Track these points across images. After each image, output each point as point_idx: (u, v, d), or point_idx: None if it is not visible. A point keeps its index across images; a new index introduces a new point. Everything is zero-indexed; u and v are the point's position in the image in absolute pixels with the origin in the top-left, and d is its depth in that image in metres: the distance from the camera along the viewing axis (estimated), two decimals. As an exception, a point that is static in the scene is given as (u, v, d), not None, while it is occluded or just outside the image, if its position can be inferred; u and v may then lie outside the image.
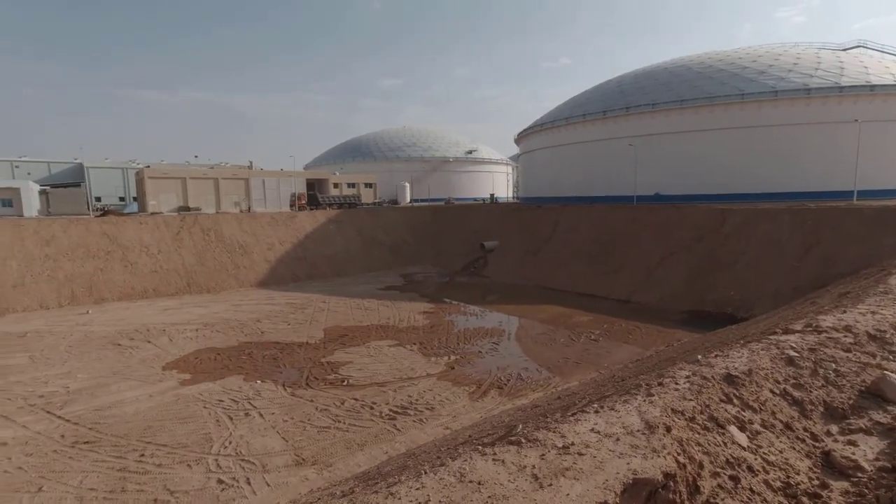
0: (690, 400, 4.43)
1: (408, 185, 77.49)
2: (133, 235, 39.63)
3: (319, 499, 8.19)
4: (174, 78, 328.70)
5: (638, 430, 3.88)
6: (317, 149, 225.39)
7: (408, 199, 75.78)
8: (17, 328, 26.95)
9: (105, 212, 52.72)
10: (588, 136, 54.86)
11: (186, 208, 52.30)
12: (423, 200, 78.00)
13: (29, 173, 66.44)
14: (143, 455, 12.80)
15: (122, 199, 68.72)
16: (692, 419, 4.12)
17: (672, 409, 4.22)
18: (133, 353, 22.08)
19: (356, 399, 16.23)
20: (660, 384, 4.84)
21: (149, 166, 64.64)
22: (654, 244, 34.95)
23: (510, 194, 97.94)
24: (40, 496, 11.11)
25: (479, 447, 4.03)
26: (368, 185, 70.85)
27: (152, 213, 48.44)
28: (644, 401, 4.44)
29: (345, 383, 17.84)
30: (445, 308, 30.88)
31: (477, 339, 23.42)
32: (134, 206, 59.85)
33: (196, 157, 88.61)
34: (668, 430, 3.85)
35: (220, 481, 11.40)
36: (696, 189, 45.16)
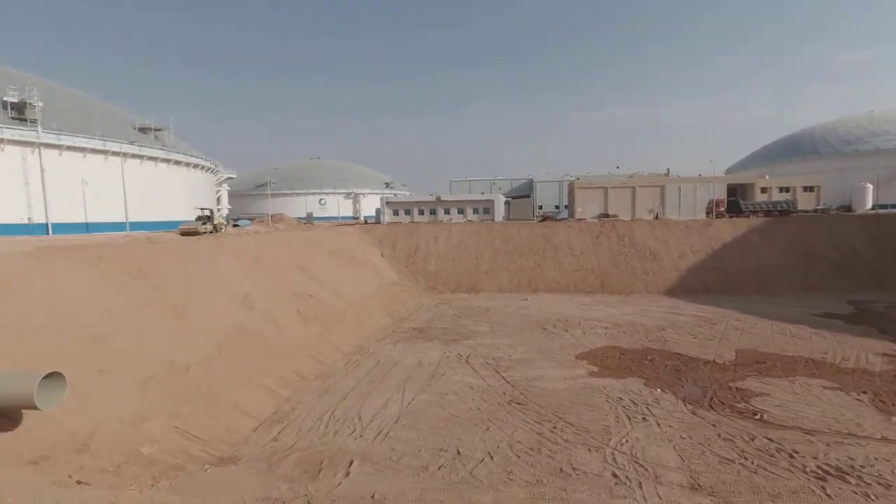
0: None
1: (870, 186, 58.96)
2: (562, 238, 45.57)
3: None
4: (603, 98, 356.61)
5: None
6: (741, 151, 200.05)
7: (868, 205, 57.79)
8: (483, 304, 35.53)
9: (544, 217, 62.67)
10: None
11: (606, 215, 56.15)
12: (893, 206, 57.84)
13: (500, 188, 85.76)
14: (555, 427, 14.67)
15: (556, 207, 79.86)
16: None
17: None
18: (554, 339, 25.49)
19: (771, 440, 13.70)
20: None
21: (578, 178, 72.77)
22: None
23: None
24: (488, 434, 14.33)
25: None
26: (808, 189, 57.90)
27: (578, 219, 54.40)
28: None
29: (757, 417, 15.33)
30: (923, 354, 22.03)
31: (981, 409, 15.73)
32: (564, 213, 68.65)
33: (617, 167, 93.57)
34: None
35: (614, 475, 11.85)
36: None
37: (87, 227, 42.10)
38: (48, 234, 39.11)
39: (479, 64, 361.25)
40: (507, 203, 66.40)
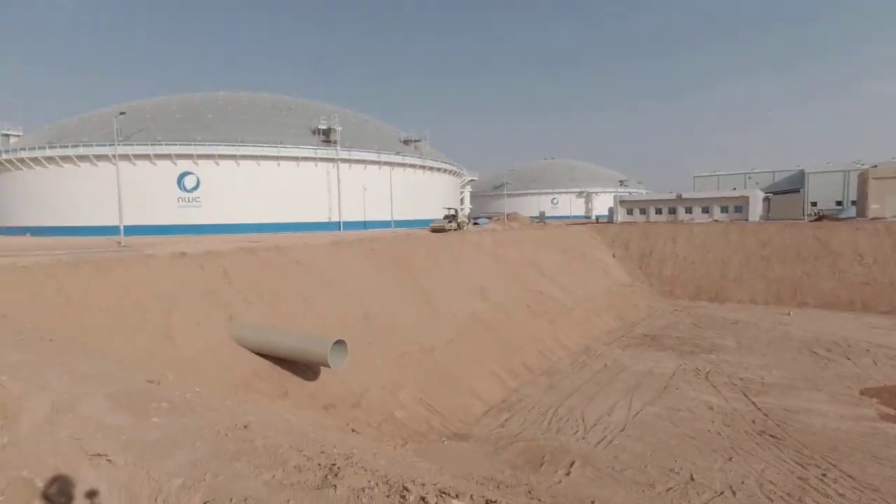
0: None
1: None
2: (845, 241, 35.96)
3: None
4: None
5: None
6: None
7: None
8: (730, 315, 30.67)
9: (820, 216, 50.46)
10: None
11: (920, 213, 42.02)
12: None
13: (757, 182, 72.64)
14: (825, 475, 11.75)
15: (838, 203, 63.39)
16: None
17: None
18: (828, 366, 20.36)
19: None
20: None
21: (875, 166, 56.21)
22: None
23: None
24: (730, 465, 12.36)
25: None
26: None
27: (872, 219, 42.06)
28: None
29: None
30: None
31: None
32: (851, 211, 53.93)
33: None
34: None
35: (919, 557, 8.89)
36: None
37: (365, 225, 51.46)
38: (340, 230, 49.26)
39: (727, 33, 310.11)
40: (766, 199, 55.60)
